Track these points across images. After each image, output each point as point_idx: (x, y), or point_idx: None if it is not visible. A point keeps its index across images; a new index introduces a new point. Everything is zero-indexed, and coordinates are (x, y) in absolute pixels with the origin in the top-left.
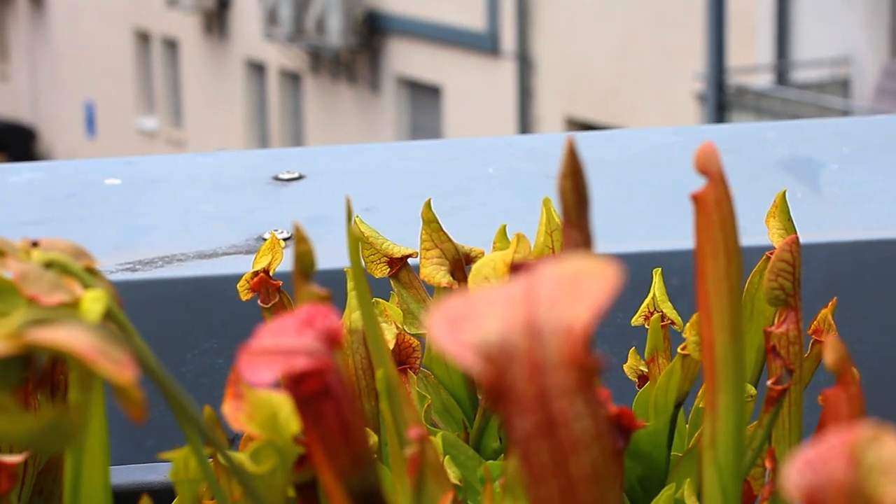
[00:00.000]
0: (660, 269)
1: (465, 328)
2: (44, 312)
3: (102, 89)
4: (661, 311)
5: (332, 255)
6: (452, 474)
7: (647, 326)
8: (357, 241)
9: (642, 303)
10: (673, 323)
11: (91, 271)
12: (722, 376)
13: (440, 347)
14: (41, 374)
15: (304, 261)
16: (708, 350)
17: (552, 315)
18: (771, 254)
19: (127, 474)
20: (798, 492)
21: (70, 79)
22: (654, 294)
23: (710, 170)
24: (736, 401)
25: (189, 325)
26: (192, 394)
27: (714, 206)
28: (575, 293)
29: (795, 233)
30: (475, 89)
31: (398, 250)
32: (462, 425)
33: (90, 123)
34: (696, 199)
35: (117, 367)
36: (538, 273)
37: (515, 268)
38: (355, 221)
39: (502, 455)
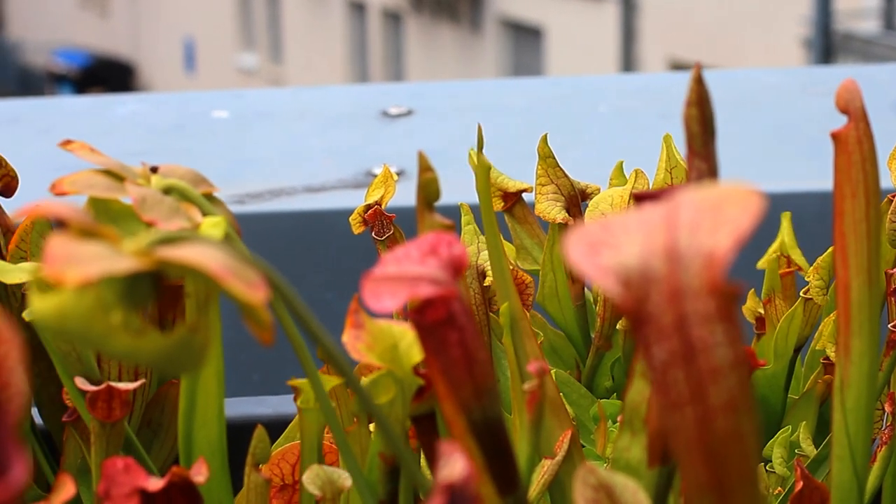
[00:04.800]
0: (789, 213)
1: (604, 253)
2: (173, 232)
3: (202, 25)
4: (789, 256)
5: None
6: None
7: (766, 268)
8: (486, 170)
9: (753, 244)
10: (800, 269)
11: (210, 198)
12: (857, 320)
13: (579, 271)
14: (170, 294)
15: (429, 189)
16: (843, 293)
17: (693, 241)
18: (893, 196)
19: (236, 407)
20: None
21: (170, 15)
22: (783, 239)
23: (852, 108)
24: (870, 345)
25: (297, 258)
26: (300, 330)
27: (855, 145)
28: (716, 220)
29: None
30: (577, 31)
31: (513, 184)
32: (574, 364)
33: (189, 59)
34: (836, 138)
35: (249, 287)
36: (678, 199)
37: (638, 200)
38: (471, 154)
39: (615, 394)
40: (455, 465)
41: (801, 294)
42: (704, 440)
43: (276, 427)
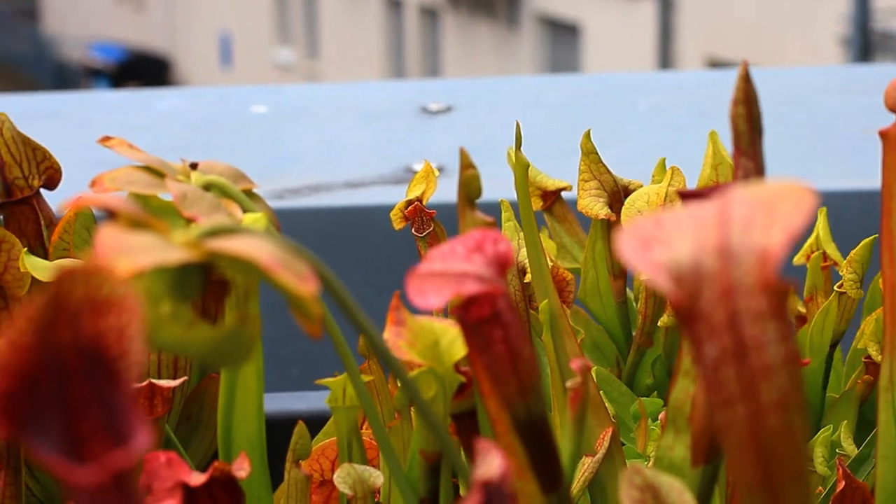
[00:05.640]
0: (824, 208)
1: (656, 249)
2: (222, 224)
3: (238, 20)
4: (824, 251)
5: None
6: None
7: (808, 266)
8: (525, 168)
9: (799, 241)
10: (835, 264)
11: (250, 194)
12: None
13: (630, 267)
14: (219, 285)
15: (470, 186)
16: (890, 292)
17: (746, 238)
18: None
19: (276, 402)
20: None
21: (206, 9)
22: (817, 233)
23: None
24: None
25: (336, 254)
26: (339, 325)
27: None
28: (769, 216)
29: None
30: (615, 28)
31: (552, 183)
32: (614, 361)
33: (225, 54)
34: (885, 137)
35: (299, 279)
36: (730, 196)
37: (686, 198)
38: (509, 152)
39: (656, 392)
40: (492, 462)
41: (835, 288)
42: (756, 438)
43: (315, 422)
